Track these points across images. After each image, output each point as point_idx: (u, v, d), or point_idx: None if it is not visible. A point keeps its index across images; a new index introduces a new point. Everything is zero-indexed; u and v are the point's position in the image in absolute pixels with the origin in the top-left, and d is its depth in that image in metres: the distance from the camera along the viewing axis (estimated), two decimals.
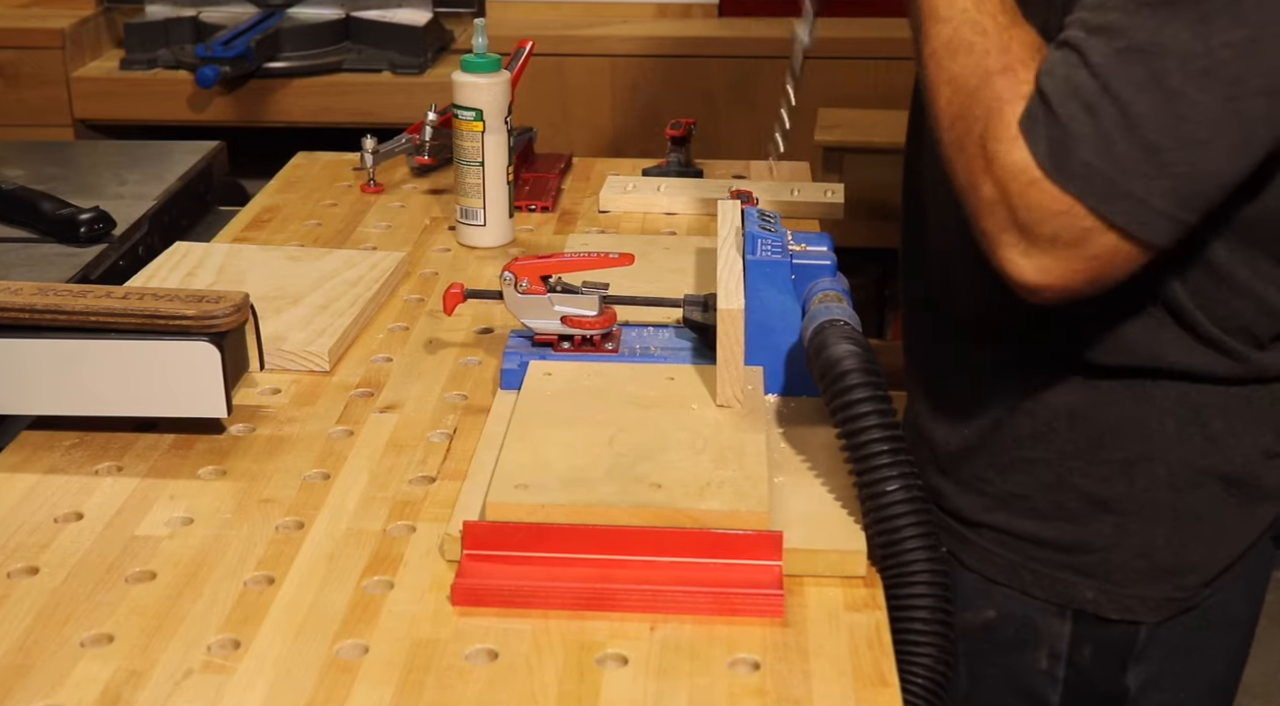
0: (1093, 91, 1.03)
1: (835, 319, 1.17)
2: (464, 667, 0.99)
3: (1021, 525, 1.25)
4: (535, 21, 3.06)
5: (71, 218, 1.74)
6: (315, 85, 2.94)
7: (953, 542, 1.29)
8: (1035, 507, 1.25)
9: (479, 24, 1.69)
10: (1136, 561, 1.23)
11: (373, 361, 1.43)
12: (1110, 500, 1.22)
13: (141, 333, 1.24)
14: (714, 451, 1.16)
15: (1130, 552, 1.23)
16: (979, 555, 1.28)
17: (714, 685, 0.97)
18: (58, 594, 1.06)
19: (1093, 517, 1.23)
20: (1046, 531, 1.25)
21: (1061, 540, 1.24)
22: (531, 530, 1.07)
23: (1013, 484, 1.25)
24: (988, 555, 1.27)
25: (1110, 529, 1.23)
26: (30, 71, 2.97)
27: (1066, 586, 1.25)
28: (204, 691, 0.96)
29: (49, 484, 1.21)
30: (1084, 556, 1.24)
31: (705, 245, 1.65)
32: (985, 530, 1.28)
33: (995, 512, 1.27)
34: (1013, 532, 1.26)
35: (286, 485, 1.21)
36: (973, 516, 1.28)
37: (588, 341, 1.35)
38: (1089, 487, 1.23)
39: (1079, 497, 1.23)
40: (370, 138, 1.89)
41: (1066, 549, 1.24)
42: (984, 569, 1.28)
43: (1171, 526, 1.22)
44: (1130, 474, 1.21)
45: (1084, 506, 1.23)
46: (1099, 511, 1.23)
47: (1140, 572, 1.23)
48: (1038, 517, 1.25)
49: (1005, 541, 1.26)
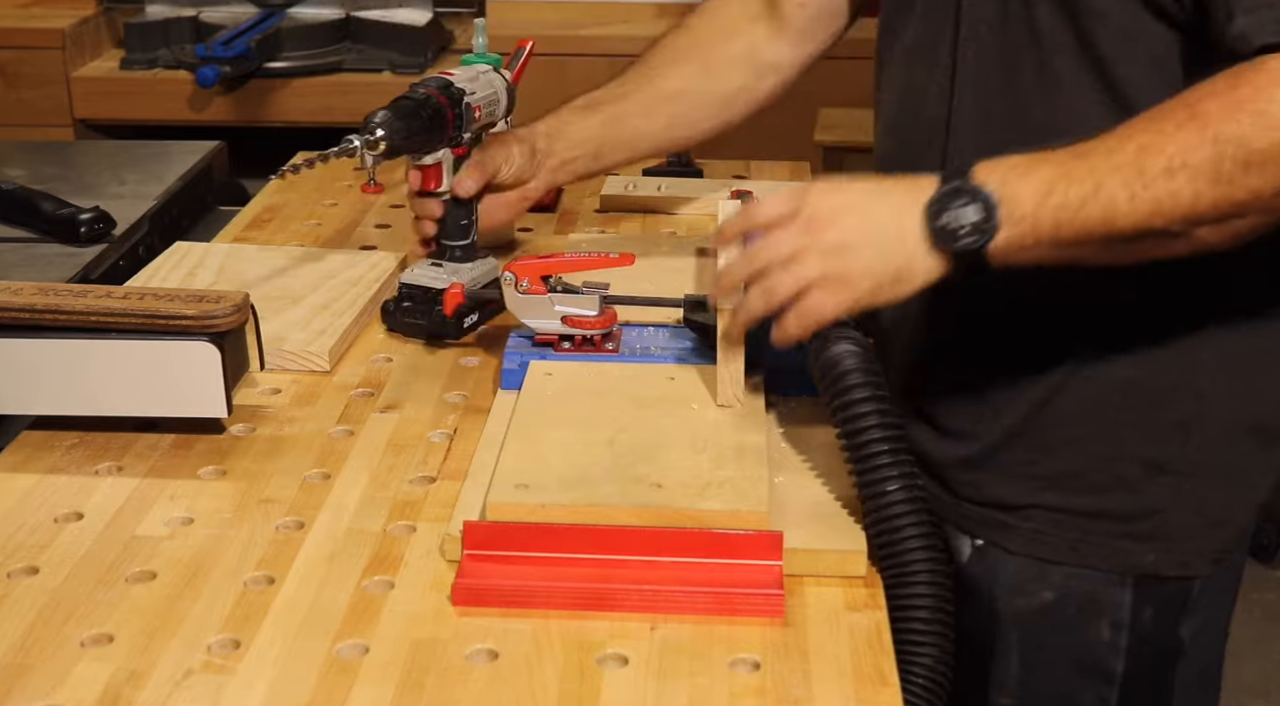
0: None
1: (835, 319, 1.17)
2: (464, 667, 0.99)
3: (1078, 501, 1.24)
4: (535, 21, 3.06)
5: (71, 218, 1.74)
6: (315, 85, 2.95)
7: (995, 532, 1.27)
8: (1091, 482, 1.24)
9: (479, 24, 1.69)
10: (1193, 518, 1.23)
11: (373, 361, 1.43)
12: (1166, 462, 1.22)
13: (142, 333, 1.24)
14: (714, 451, 1.16)
15: (1188, 510, 1.23)
16: (1029, 538, 1.26)
17: (714, 685, 0.97)
18: (58, 594, 1.06)
19: (1150, 481, 1.23)
20: (1105, 503, 1.24)
21: (1121, 509, 1.24)
22: (532, 530, 1.07)
23: (1063, 462, 1.24)
24: (1039, 537, 1.26)
25: (1168, 491, 1.23)
26: (30, 71, 2.97)
27: (1128, 554, 1.24)
28: (204, 691, 0.96)
29: (49, 484, 1.21)
30: (1143, 522, 1.23)
31: (705, 245, 1.65)
32: (1035, 511, 1.26)
33: (1045, 493, 1.25)
34: (1068, 509, 1.25)
35: (286, 485, 1.21)
36: (1019, 501, 1.26)
37: (588, 341, 1.35)
38: (1147, 453, 1.22)
39: (1137, 464, 1.23)
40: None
41: (1126, 517, 1.24)
42: (1037, 551, 1.26)
43: (1220, 479, 1.23)
44: (1186, 432, 1.22)
45: (1142, 472, 1.23)
46: (1156, 474, 1.23)
47: (1195, 528, 1.24)
48: (1094, 491, 1.24)
49: (1059, 520, 1.25)
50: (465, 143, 1.45)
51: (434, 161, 1.43)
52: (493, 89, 1.49)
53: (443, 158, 1.43)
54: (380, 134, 1.35)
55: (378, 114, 1.36)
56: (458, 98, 1.43)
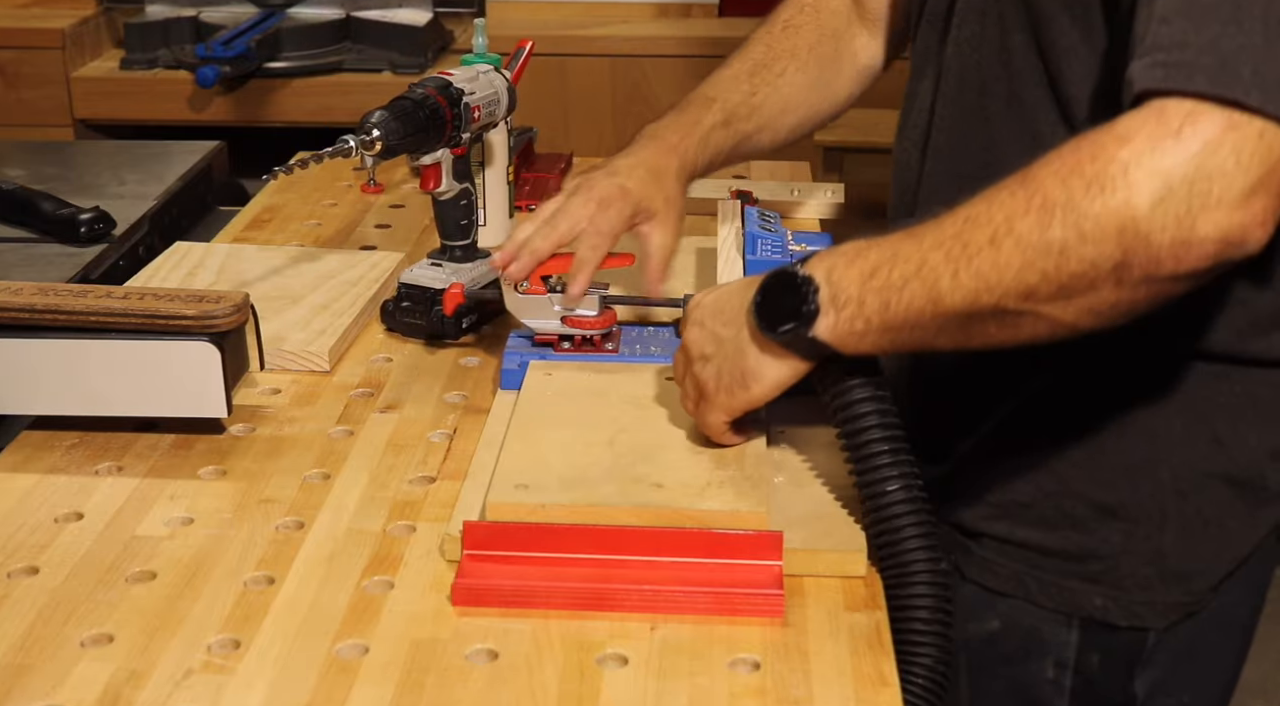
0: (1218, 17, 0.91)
1: None
2: (464, 667, 0.99)
3: (1025, 534, 1.22)
4: (535, 21, 3.06)
5: (71, 218, 1.74)
6: (315, 85, 2.94)
7: (956, 555, 1.26)
8: (1040, 515, 1.22)
9: (479, 24, 1.69)
10: (1145, 568, 1.20)
11: (373, 361, 1.43)
12: (1117, 506, 1.19)
13: (142, 333, 1.24)
14: (714, 451, 1.16)
15: (1139, 559, 1.20)
16: (980, 565, 1.25)
17: (714, 685, 0.97)
18: (58, 594, 1.06)
19: (1100, 524, 1.20)
20: (1051, 540, 1.21)
21: (1068, 548, 1.21)
22: (531, 530, 1.07)
23: (1015, 492, 1.23)
24: (989, 565, 1.24)
25: (1118, 535, 1.19)
26: (30, 71, 2.97)
27: (1073, 594, 1.22)
28: (204, 691, 0.96)
29: (49, 484, 1.21)
30: (1091, 564, 1.21)
31: (705, 245, 1.65)
32: (987, 540, 1.25)
33: (997, 522, 1.24)
34: (1016, 541, 1.23)
35: (286, 485, 1.21)
36: (974, 526, 1.25)
37: (588, 341, 1.35)
38: (1095, 494, 1.20)
39: (1085, 504, 1.20)
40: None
41: (1073, 557, 1.21)
42: (986, 579, 1.25)
43: (1179, 531, 1.19)
44: (1136, 478, 1.19)
45: (1090, 513, 1.20)
46: (1106, 518, 1.20)
47: (1149, 579, 1.20)
48: (1042, 526, 1.22)
49: (1008, 550, 1.23)
50: (464, 143, 1.45)
51: (433, 161, 1.43)
52: (493, 89, 1.49)
53: (441, 158, 1.43)
54: (376, 134, 1.35)
55: (374, 114, 1.36)
56: (456, 98, 1.43)
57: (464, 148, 1.45)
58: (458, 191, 1.46)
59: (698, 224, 1.81)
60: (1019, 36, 1.13)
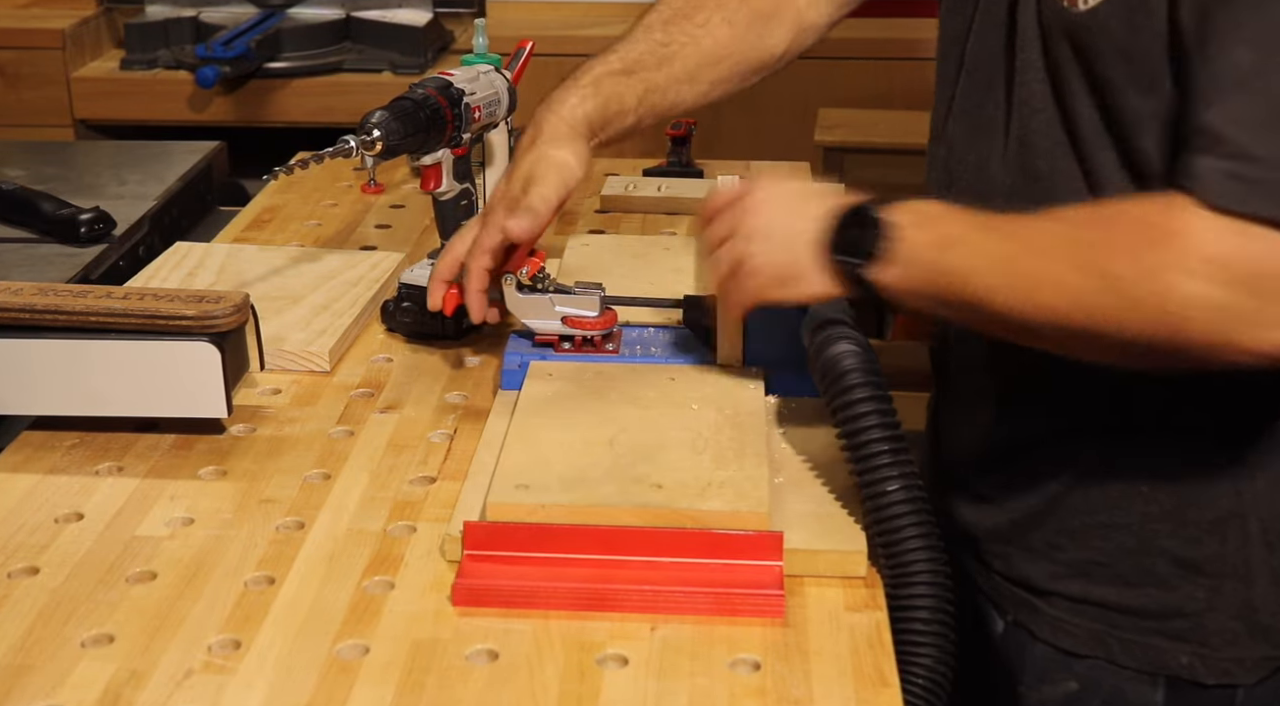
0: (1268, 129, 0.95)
1: (836, 319, 1.17)
2: (464, 667, 0.99)
3: (1103, 593, 1.18)
4: (535, 21, 3.06)
5: (71, 218, 1.74)
6: (315, 85, 2.94)
7: (1021, 613, 1.22)
8: (1118, 574, 1.17)
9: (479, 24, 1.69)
10: (1233, 623, 1.16)
11: (373, 361, 1.43)
12: (1202, 561, 1.15)
13: (142, 333, 1.24)
14: (714, 452, 1.16)
15: (1226, 615, 1.16)
16: (1053, 626, 1.20)
17: (714, 685, 0.97)
18: (58, 594, 1.06)
19: (1184, 581, 1.16)
20: (1133, 598, 1.17)
21: (1150, 607, 1.17)
22: (532, 530, 1.07)
23: (1091, 550, 1.18)
24: (1064, 625, 1.20)
25: (1204, 592, 1.15)
26: (30, 71, 2.97)
27: (1158, 653, 1.17)
28: (204, 691, 0.96)
29: (49, 484, 1.21)
30: (1176, 622, 1.16)
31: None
32: (1058, 599, 1.20)
33: (1070, 580, 1.19)
34: (1093, 601, 1.19)
35: (287, 485, 1.21)
36: (1044, 585, 1.21)
37: (588, 342, 1.35)
38: (1178, 550, 1.15)
39: (1168, 561, 1.16)
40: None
41: (1156, 615, 1.17)
42: (1060, 641, 1.20)
43: (1268, 584, 1.16)
44: (1222, 532, 1.14)
45: (1174, 570, 1.16)
46: (1191, 574, 1.15)
47: (1237, 634, 1.16)
48: (1121, 584, 1.17)
49: (1084, 610, 1.19)
50: (465, 143, 1.45)
51: (434, 161, 1.43)
52: (493, 89, 1.49)
53: (442, 158, 1.43)
54: (377, 134, 1.35)
55: (375, 114, 1.36)
56: (457, 98, 1.42)
57: (465, 148, 1.45)
58: (458, 191, 1.46)
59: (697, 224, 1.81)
60: (1085, 104, 1.10)
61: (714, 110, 1.51)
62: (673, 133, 1.95)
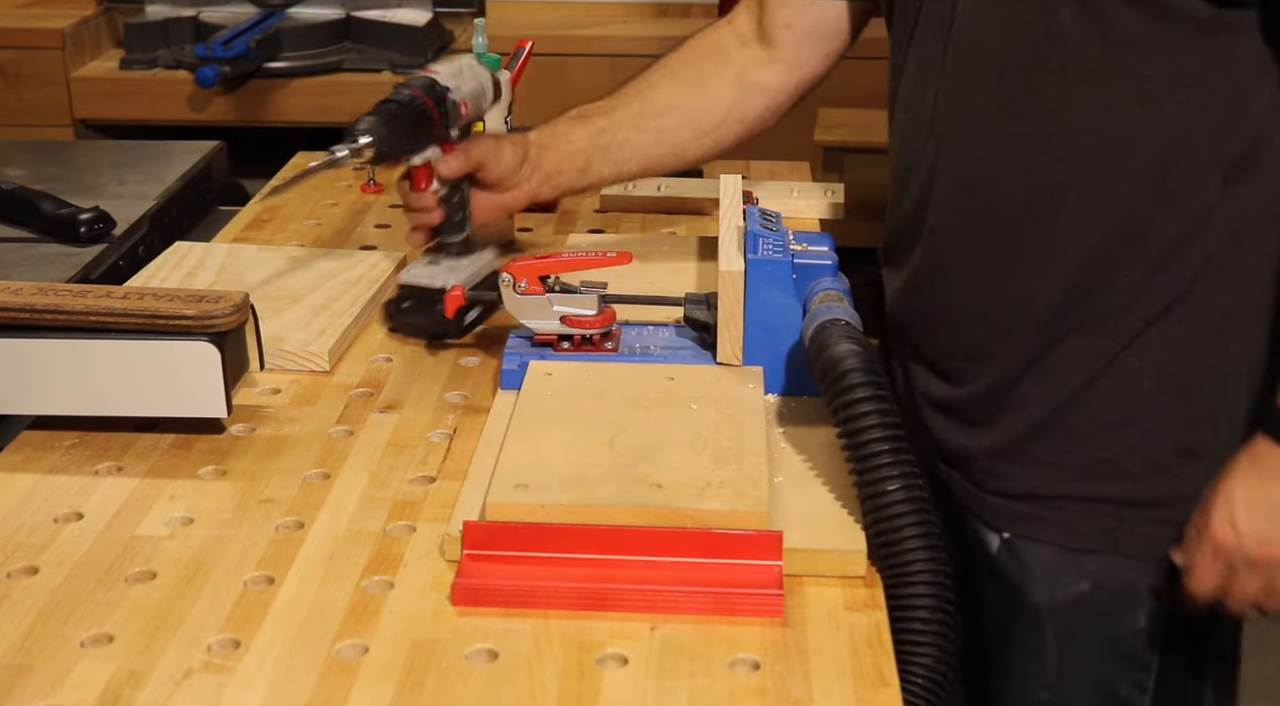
0: None
1: (836, 319, 1.17)
2: (464, 667, 0.99)
3: (1110, 489, 1.24)
4: (535, 21, 3.06)
5: (71, 218, 1.74)
6: (315, 85, 2.94)
7: (1025, 525, 1.27)
8: (1123, 469, 1.24)
9: (479, 24, 1.69)
10: None
11: (373, 361, 1.43)
12: (1199, 447, 1.22)
13: (142, 333, 1.24)
14: (714, 451, 1.16)
15: None
16: (1061, 529, 1.26)
17: (714, 685, 0.97)
18: (58, 594, 1.06)
19: (1182, 467, 1.23)
20: (1139, 490, 1.24)
21: (1156, 496, 1.24)
22: (531, 530, 1.07)
23: (1096, 450, 1.24)
24: (1071, 526, 1.26)
25: (1200, 476, 1.22)
26: (30, 71, 2.97)
27: (1165, 539, 1.24)
28: (204, 691, 0.96)
29: (49, 484, 1.21)
30: (1180, 506, 1.23)
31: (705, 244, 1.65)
32: (1067, 502, 1.26)
33: (1075, 482, 1.25)
34: (1100, 498, 1.25)
35: (286, 485, 1.21)
36: (1048, 491, 1.26)
37: (587, 341, 1.35)
38: (1181, 439, 1.23)
39: (1171, 451, 1.23)
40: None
41: (1163, 503, 1.24)
42: (1071, 541, 1.26)
43: None
44: (1213, 420, 1.22)
45: (1175, 458, 1.23)
46: (1189, 460, 1.23)
47: None
48: (1127, 478, 1.24)
49: (1092, 509, 1.25)
50: (453, 139, 1.45)
51: (423, 161, 1.43)
52: (477, 83, 1.49)
53: (431, 156, 1.43)
54: (366, 141, 1.35)
55: (363, 121, 1.36)
56: (442, 96, 1.43)
57: (453, 144, 1.45)
58: (448, 189, 1.46)
59: (697, 224, 1.81)
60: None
61: None
62: None
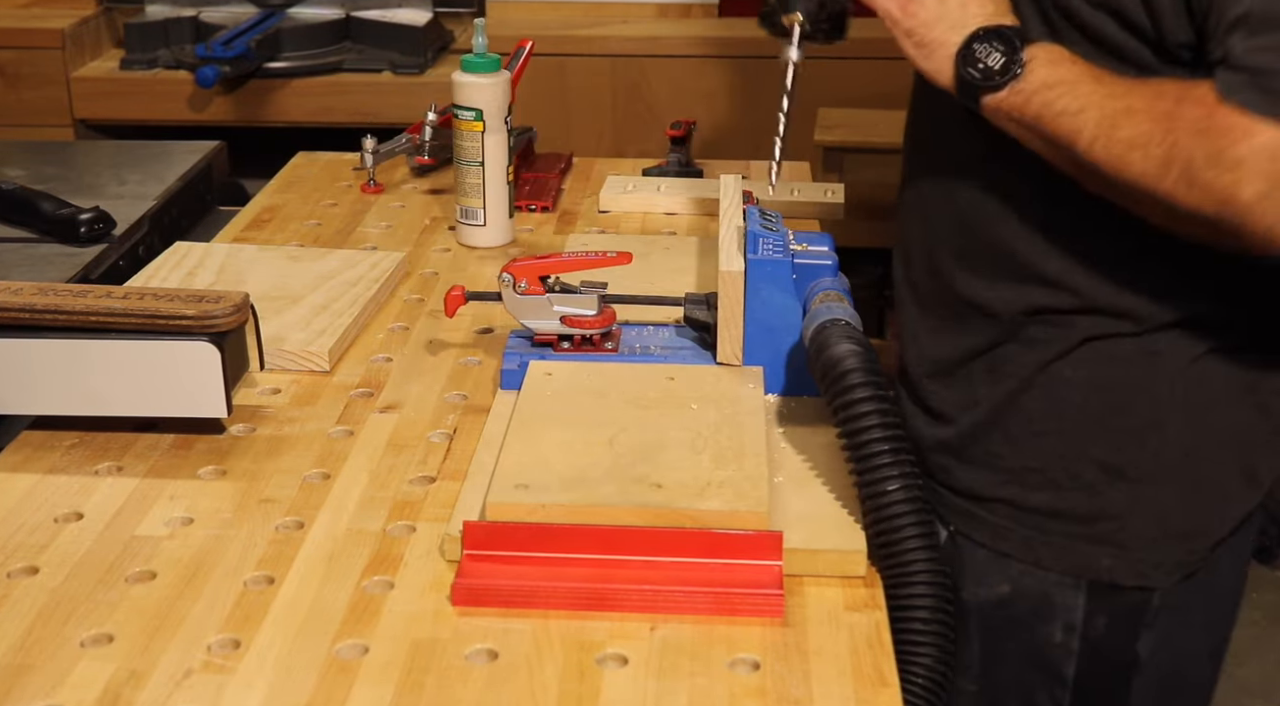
0: None
1: (836, 319, 1.17)
2: (464, 667, 0.99)
3: (1036, 498, 1.25)
4: (535, 21, 3.06)
5: (71, 218, 1.74)
6: (315, 85, 2.94)
7: (963, 521, 1.29)
8: (1050, 479, 1.25)
9: (479, 24, 1.69)
10: (1150, 527, 1.23)
11: (373, 361, 1.44)
12: (1124, 466, 1.22)
13: (142, 333, 1.24)
14: (714, 451, 1.16)
15: (1144, 519, 1.23)
16: (990, 530, 1.28)
17: (714, 685, 0.97)
18: (58, 594, 1.06)
19: (1108, 486, 1.23)
20: (1061, 502, 1.25)
21: (1077, 510, 1.24)
22: (531, 530, 1.07)
23: (1026, 457, 1.25)
24: (1000, 530, 1.27)
25: (1125, 496, 1.22)
26: (30, 71, 2.97)
27: (1082, 557, 1.24)
28: (204, 691, 0.96)
29: (49, 484, 1.21)
30: (1100, 525, 1.23)
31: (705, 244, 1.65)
32: (998, 505, 1.27)
33: (1007, 487, 1.26)
34: (1026, 506, 1.26)
35: (286, 485, 1.21)
36: (984, 492, 1.28)
37: (587, 341, 1.35)
38: (1104, 456, 1.23)
39: (1094, 467, 1.23)
40: (370, 138, 1.89)
41: (1082, 519, 1.24)
42: (997, 544, 1.27)
43: (1184, 490, 1.23)
44: (1142, 439, 1.22)
45: (1099, 475, 1.23)
46: (1114, 479, 1.23)
47: (1154, 538, 1.23)
48: (1052, 489, 1.25)
49: (1018, 516, 1.26)
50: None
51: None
52: None
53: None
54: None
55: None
56: None
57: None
58: None
59: (698, 224, 1.81)
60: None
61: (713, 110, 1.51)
62: (673, 133, 1.95)
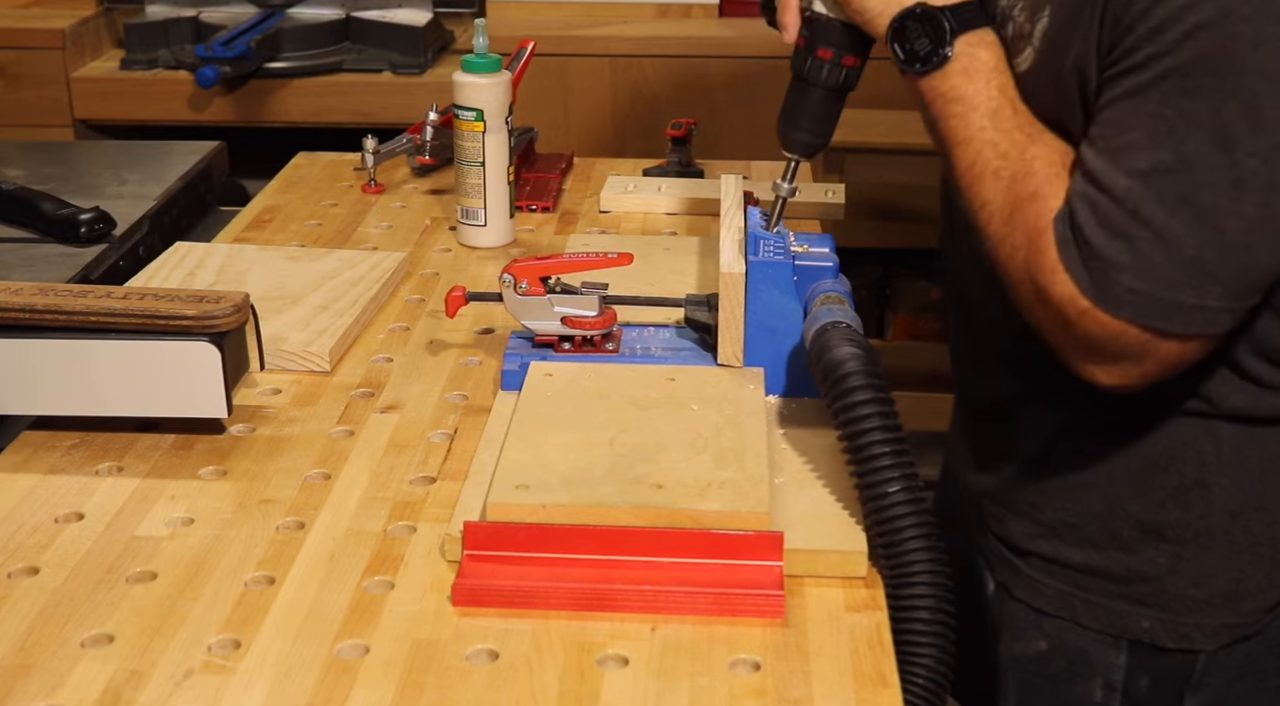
0: (1122, 219, 1.03)
1: (837, 321, 1.17)
2: (464, 668, 0.99)
3: (1071, 554, 1.23)
4: (536, 21, 3.06)
5: (71, 218, 1.74)
6: (315, 85, 2.94)
7: (1004, 572, 1.27)
8: (1086, 536, 1.22)
9: (479, 24, 1.69)
10: (1192, 589, 1.20)
11: (373, 361, 1.43)
12: (1165, 527, 1.19)
13: (142, 333, 1.24)
14: (714, 452, 1.16)
15: (1186, 581, 1.19)
16: (1027, 585, 1.25)
17: (714, 685, 0.97)
18: (58, 594, 1.06)
19: (1147, 545, 1.19)
20: (1099, 560, 1.22)
21: (1114, 569, 1.21)
22: (532, 530, 1.07)
23: (1062, 511, 1.23)
24: (1036, 585, 1.25)
25: (1165, 557, 1.19)
26: (30, 71, 2.97)
27: (1120, 616, 1.21)
28: (204, 691, 0.96)
29: (49, 484, 1.21)
30: (1139, 585, 1.20)
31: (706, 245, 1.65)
32: (1034, 559, 1.25)
33: (1044, 540, 1.24)
34: (1062, 561, 1.23)
35: (287, 485, 1.21)
36: (1022, 544, 1.25)
37: (588, 342, 1.35)
38: (1143, 515, 1.19)
39: (1132, 525, 1.20)
40: (371, 138, 1.89)
41: (1120, 578, 1.21)
42: (1033, 600, 1.25)
43: (1228, 552, 1.19)
44: (1186, 500, 1.18)
45: (1137, 534, 1.20)
46: (1153, 539, 1.19)
47: (1197, 601, 1.20)
48: (1089, 546, 1.22)
49: (1054, 571, 1.24)
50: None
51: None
52: None
53: None
54: None
55: None
56: None
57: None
58: None
59: (698, 224, 1.81)
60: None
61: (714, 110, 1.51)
62: (673, 133, 1.95)
